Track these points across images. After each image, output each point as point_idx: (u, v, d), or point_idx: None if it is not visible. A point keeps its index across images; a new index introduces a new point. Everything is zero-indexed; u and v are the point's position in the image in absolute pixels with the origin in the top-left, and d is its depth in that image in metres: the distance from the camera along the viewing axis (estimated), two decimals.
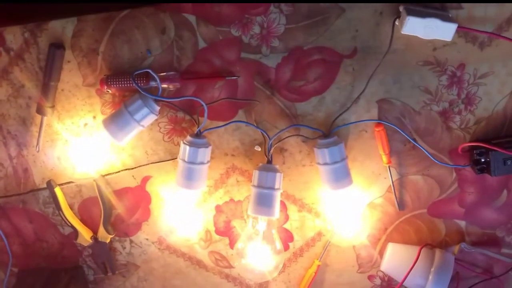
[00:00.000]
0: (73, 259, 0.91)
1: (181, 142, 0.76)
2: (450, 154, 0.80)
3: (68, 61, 0.77)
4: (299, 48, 0.75)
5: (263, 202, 0.75)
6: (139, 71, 0.74)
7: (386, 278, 0.90)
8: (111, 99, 0.79)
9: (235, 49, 0.75)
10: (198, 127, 0.77)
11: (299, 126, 0.79)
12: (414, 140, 0.79)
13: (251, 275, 0.81)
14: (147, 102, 0.73)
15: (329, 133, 0.78)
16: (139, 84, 0.73)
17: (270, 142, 0.78)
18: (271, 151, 0.78)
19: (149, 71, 0.73)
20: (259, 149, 0.81)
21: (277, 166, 0.78)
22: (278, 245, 0.80)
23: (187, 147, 0.75)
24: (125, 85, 0.74)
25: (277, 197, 0.76)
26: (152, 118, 0.75)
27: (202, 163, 0.76)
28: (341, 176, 0.75)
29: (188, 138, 0.76)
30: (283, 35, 0.74)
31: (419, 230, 0.86)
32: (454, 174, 0.82)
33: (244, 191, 0.84)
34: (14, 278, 0.92)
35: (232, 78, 0.76)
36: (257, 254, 0.79)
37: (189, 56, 0.76)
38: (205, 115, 0.75)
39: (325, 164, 0.75)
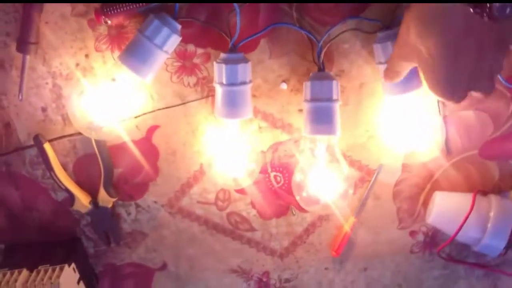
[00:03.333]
0: (70, 230, 0.78)
1: (214, 62, 0.63)
2: (508, 79, 0.69)
3: None
4: None
5: (321, 118, 0.63)
6: None
7: (430, 233, 0.79)
8: (106, 32, 0.65)
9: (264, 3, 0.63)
10: (230, 40, 0.63)
11: (354, 19, 0.65)
12: None
13: (315, 207, 0.71)
14: (165, 21, 0.60)
15: (391, 23, 0.64)
16: (141, 5, 0.60)
17: (320, 44, 0.64)
18: (322, 55, 0.65)
19: None
20: (285, 87, 0.69)
21: (332, 73, 0.66)
22: (345, 167, 0.68)
23: (223, 66, 0.62)
24: (129, 8, 0.61)
25: (337, 109, 0.63)
26: (175, 40, 0.62)
27: (244, 83, 0.63)
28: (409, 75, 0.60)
29: (222, 55, 0.63)
30: None
31: (469, 175, 0.75)
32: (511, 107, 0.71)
33: (268, 139, 0.72)
34: (0, 256, 0.79)
35: None
36: (320, 182, 0.68)
37: None
38: (238, 20, 0.61)
39: None
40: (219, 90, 0.64)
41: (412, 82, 0.62)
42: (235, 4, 0.61)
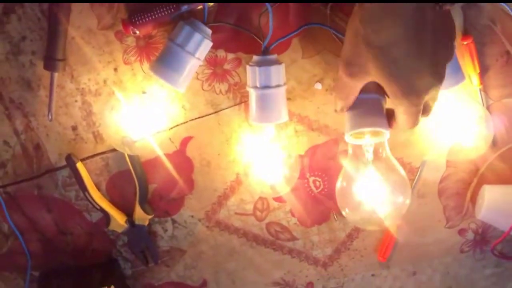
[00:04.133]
0: (105, 252, 0.76)
1: (247, 66, 0.61)
2: None
3: None
4: None
5: (368, 112, 0.58)
6: None
7: (480, 231, 0.76)
8: (134, 43, 0.64)
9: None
10: (263, 42, 0.61)
11: None
12: (507, 53, 0.65)
13: (365, 222, 0.65)
14: (196, 26, 0.59)
15: None
16: (170, 11, 0.59)
17: None
18: None
19: None
20: (320, 87, 0.67)
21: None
22: (401, 170, 0.63)
23: (256, 69, 0.60)
24: (157, 17, 0.59)
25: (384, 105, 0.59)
26: (207, 46, 0.60)
27: (279, 85, 0.61)
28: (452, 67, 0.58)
29: (254, 58, 0.61)
30: None
31: None
32: None
33: (305, 143, 0.70)
34: (36, 284, 0.76)
35: None
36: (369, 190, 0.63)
37: None
38: (270, 21, 0.60)
39: None
40: (253, 94, 0.62)
41: (455, 77, 0.60)
42: (267, 4, 0.59)
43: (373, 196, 0.63)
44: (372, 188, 0.63)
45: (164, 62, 0.59)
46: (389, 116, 0.57)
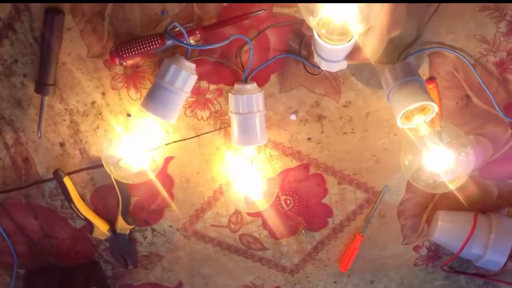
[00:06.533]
0: (88, 255, 0.81)
1: (229, 94, 0.66)
2: (506, 109, 0.72)
3: (69, 29, 0.65)
4: None
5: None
6: (172, 26, 0.63)
7: (432, 248, 0.83)
8: (122, 71, 0.68)
9: (265, 3, 0.64)
10: (243, 72, 0.66)
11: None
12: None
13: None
14: (181, 64, 0.63)
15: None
16: (155, 46, 0.62)
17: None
18: None
19: (176, 24, 0.62)
20: (295, 118, 0.72)
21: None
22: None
23: (239, 97, 0.65)
24: (142, 51, 0.63)
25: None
26: (193, 80, 0.65)
27: (259, 111, 0.66)
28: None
29: (236, 86, 0.66)
30: None
31: (469, 194, 0.78)
32: (510, 131, 0.74)
33: (278, 167, 0.75)
34: (22, 281, 0.82)
35: (259, 12, 0.63)
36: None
37: (212, 15, 0.65)
38: (251, 53, 0.65)
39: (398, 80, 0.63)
40: (235, 120, 0.66)
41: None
42: (248, 39, 0.63)
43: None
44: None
45: (155, 100, 0.63)
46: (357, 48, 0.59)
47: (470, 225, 0.75)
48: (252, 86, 0.66)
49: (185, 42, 0.62)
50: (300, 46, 0.67)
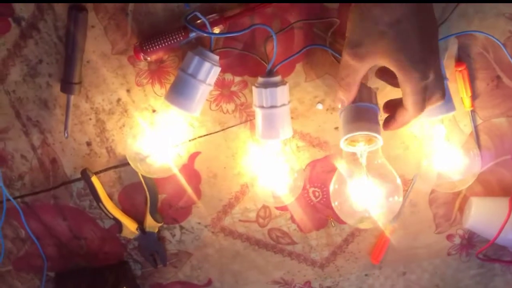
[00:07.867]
0: (117, 255, 0.81)
1: (253, 87, 0.65)
2: None
3: (92, 26, 0.65)
4: None
5: (363, 119, 0.61)
6: (190, 15, 0.62)
7: (466, 236, 0.81)
8: (146, 67, 0.67)
9: None
10: (268, 64, 0.65)
11: None
12: (498, 77, 0.69)
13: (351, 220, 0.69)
14: (205, 55, 0.62)
15: None
16: (179, 39, 0.62)
17: None
18: None
19: (198, 14, 0.61)
20: (321, 107, 0.71)
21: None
22: (395, 176, 0.66)
23: (263, 90, 0.63)
24: (166, 44, 0.62)
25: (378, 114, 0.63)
26: (216, 71, 0.64)
27: (283, 104, 0.64)
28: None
29: (260, 79, 0.65)
30: None
31: (502, 179, 0.77)
32: None
33: (306, 158, 0.74)
34: (52, 284, 0.81)
35: None
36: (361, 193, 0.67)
37: (234, 6, 0.64)
38: (275, 45, 0.63)
39: None
40: (259, 114, 0.66)
41: (446, 106, 0.64)
42: (272, 31, 0.62)
43: (367, 198, 0.67)
44: (366, 191, 0.67)
45: (178, 92, 0.63)
46: (396, 106, 0.58)
47: (505, 210, 0.73)
48: (276, 79, 0.65)
49: (207, 31, 0.62)
50: (326, 34, 0.66)
